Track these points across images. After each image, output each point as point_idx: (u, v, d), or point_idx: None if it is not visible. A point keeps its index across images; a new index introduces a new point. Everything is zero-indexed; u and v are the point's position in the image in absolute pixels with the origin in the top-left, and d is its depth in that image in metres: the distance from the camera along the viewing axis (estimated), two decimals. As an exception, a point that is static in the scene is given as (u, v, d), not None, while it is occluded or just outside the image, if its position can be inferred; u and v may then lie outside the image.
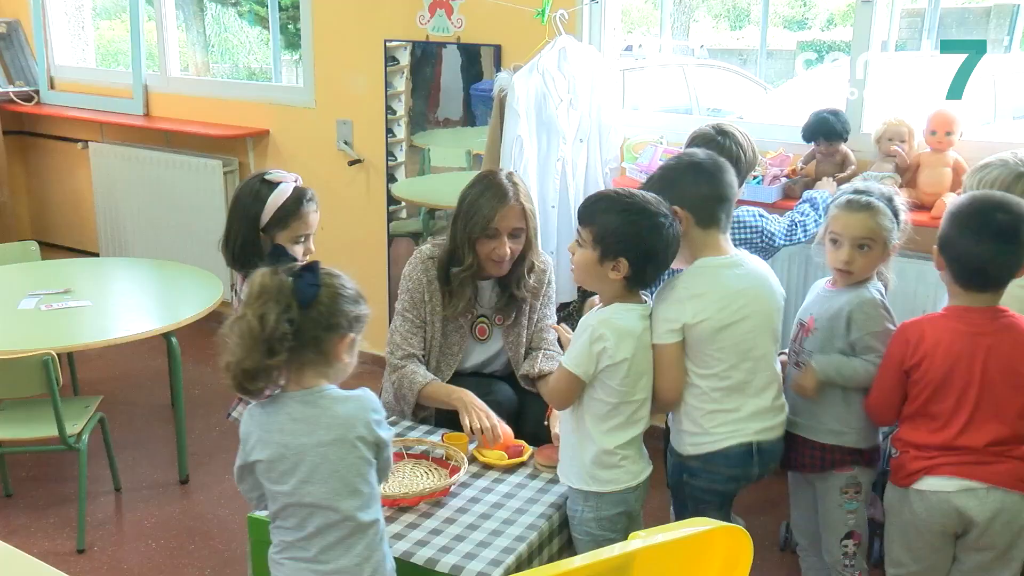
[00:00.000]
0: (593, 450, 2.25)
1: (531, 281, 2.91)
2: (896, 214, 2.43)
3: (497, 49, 3.97)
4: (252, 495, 2.03)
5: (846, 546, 2.55)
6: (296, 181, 2.75)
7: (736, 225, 2.93)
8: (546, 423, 2.73)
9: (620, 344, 2.19)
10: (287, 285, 1.87)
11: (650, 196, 2.24)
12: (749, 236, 2.95)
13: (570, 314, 3.80)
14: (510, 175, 2.83)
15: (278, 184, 2.70)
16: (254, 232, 2.68)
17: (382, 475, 2.01)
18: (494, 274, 2.84)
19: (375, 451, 1.96)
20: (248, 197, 2.72)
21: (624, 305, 2.23)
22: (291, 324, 1.86)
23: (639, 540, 1.07)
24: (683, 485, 2.45)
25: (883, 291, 2.49)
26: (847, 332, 2.42)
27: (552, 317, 3.05)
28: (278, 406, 1.93)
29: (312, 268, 1.91)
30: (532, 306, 2.97)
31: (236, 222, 2.73)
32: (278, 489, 1.93)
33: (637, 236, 2.18)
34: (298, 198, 2.72)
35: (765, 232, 2.94)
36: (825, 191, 3.12)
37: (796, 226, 2.99)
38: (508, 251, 2.76)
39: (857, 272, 2.43)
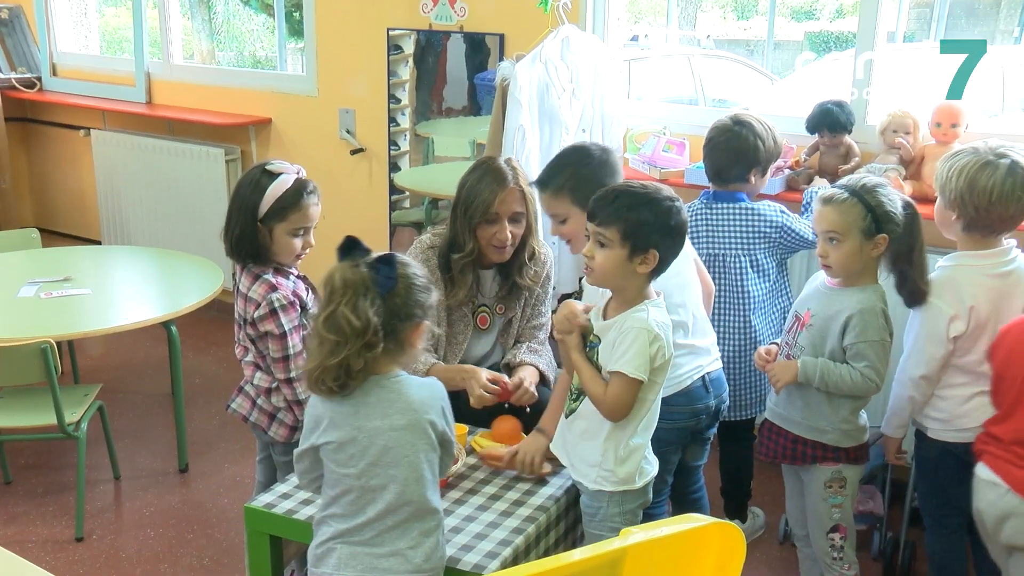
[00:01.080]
0: (628, 450, 2.22)
1: (532, 269, 2.89)
2: (873, 207, 2.36)
3: (500, 38, 3.95)
4: (306, 477, 2.07)
5: (832, 539, 2.57)
6: (298, 173, 2.72)
7: (756, 217, 2.91)
8: (528, 410, 2.72)
9: (669, 340, 2.18)
10: (369, 277, 1.89)
11: (652, 184, 2.25)
12: (767, 231, 2.92)
13: (571, 305, 3.78)
14: (508, 160, 2.81)
15: (279, 175, 2.68)
16: (252, 223, 2.65)
17: (444, 465, 2.05)
18: (495, 260, 2.82)
19: (441, 440, 2.00)
20: (248, 187, 2.68)
21: (652, 302, 2.20)
22: (379, 316, 1.88)
23: (633, 535, 1.06)
24: None
25: (884, 297, 2.45)
26: (842, 335, 2.41)
27: (546, 315, 3.02)
28: (352, 390, 1.95)
29: (388, 260, 1.92)
30: (528, 298, 2.95)
31: (235, 212, 2.70)
32: (345, 471, 1.95)
33: (665, 224, 2.17)
34: (298, 190, 2.68)
35: (785, 229, 2.92)
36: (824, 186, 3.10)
37: None
38: (509, 236, 2.74)
39: (834, 265, 2.42)
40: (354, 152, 4.51)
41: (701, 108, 5.25)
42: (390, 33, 4.25)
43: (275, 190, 2.64)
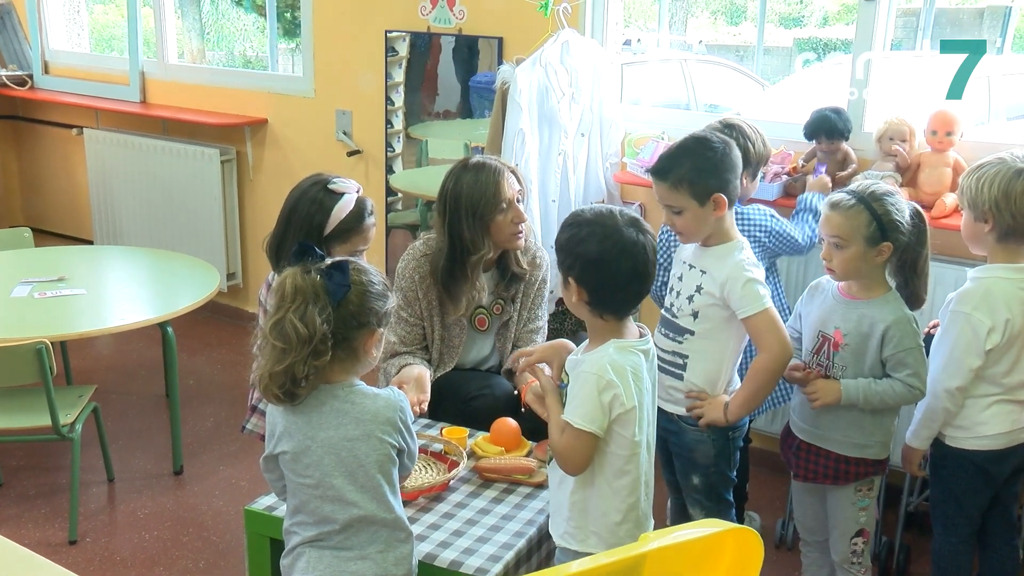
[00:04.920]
0: (615, 507, 2.07)
1: (526, 258, 2.91)
2: (880, 215, 2.35)
3: (499, 41, 3.95)
4: (278, 485, 2.04)
5: (855, 544, 2.56)
6: (358, 191, 2.67)
7: (746, 222, 2.92)
8: (523, 410, 2.71)
9: (629, 388, 2.00)
10: (320, 285, 1.85)
11: (603, 208, 2.09)
12: (759, 235, 2.93)
13: (567, 309, 3.78)
14: (482, 154, 2.88)
15: (342, 194, 2.61)
16: (316, 244, 2.57)
17: (403, 471, 2.02)
18: (513, 247, 2.84)
19: (400, 452, 1.97)
20: (310, 205, 2.61)
21: (619, 342, 2.03)
22: (329, 324, 1.85)
23: (651, 541, 1.06)
24: (728, 443, 2.54)
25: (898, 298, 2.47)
26: (880, 348, 2.39)
27: (543, 318, 3.04)
28: (306, 399, 1.93)
29: (342, 267, 1.88)
30: (524, 299, 2.96)
31: (293, 229, 2.61)
32: (302, 481, 1.94)
33: (572, 249, 2.01)
34: (360, 212, 2.62)
35: (776, 233, 2.93)
36: (819, 194, 3.11)
37: (811, 234, 2.98)
38: (524, 216, 2.78)
39: (837, 269, 2.42)
40: (351, 154, 4.50)
41: (700, 113, 5.27)
42: (388, 35, 4.24)
43: (339, 211, 2.59)
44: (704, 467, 2.54)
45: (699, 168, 2.41)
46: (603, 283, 2.00)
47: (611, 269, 1.99)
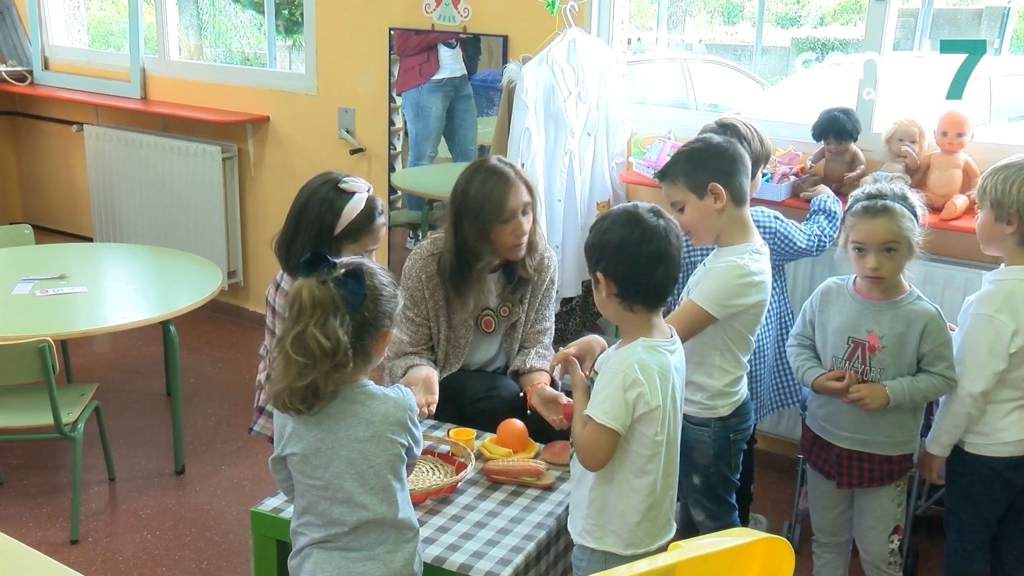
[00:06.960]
0: (634, 506, 2.05)
1: (533, 262, 2.88)
2: (913, 211, 2.41)
3: (504, 40, 3.93)
4: (285, 485, 2.03)
5: (892, 541, 2.57)
6: (368, 190, 2.65)
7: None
8: (528, 412, 2.69)
9: (655, 387, 1.99)
10: (338, 295, 1.83)
11: (629, 205, 2.12)
12: (764, 237, 2.91)
13: (572, 308, 3.77)
14: (500, 158, 2.82)
15: (353, 194, 2.60)
16: (325, 244, 2.54)
17: (410, 460, 2.01)
18: (512, 258, 2.80)
19: (408, 449, 1.97)
20: (320, 205, 2.59)
21: (648, 341, 2.03)
22: (348, 335, 1.83)
23: (680, 551, 1.04)
24: (729, 445, 2.51)
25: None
26: (920, 344, 2.41)
27: (550, 319, 3.01)
28: (319, 410, 1.91)
29: (356, 274, 1.86)
30: (531, 300, 2.93)
31: (304, 229, 2.60)
32: (311, 483, 1.93)
33: (601, 243, 2.04)
34: (370, 212, 2.61)
35: (779, 235, 2.91)
36: (831, 196, 3.09)
37: (816, 239, 2.95)
38: (526, 228, 2.74)
39: (887, 276, 2.41)
40: (353, 152, 4.47)
41: (708, 113, 5.24)
42: (392, 33, 4.22)
43: (350, 211, 2.58)
44: (704, 467, 2.52)
45: (693, 161, 2.44)
46: (628, 268, 2.01)
47: (634, 252, 2.00)
